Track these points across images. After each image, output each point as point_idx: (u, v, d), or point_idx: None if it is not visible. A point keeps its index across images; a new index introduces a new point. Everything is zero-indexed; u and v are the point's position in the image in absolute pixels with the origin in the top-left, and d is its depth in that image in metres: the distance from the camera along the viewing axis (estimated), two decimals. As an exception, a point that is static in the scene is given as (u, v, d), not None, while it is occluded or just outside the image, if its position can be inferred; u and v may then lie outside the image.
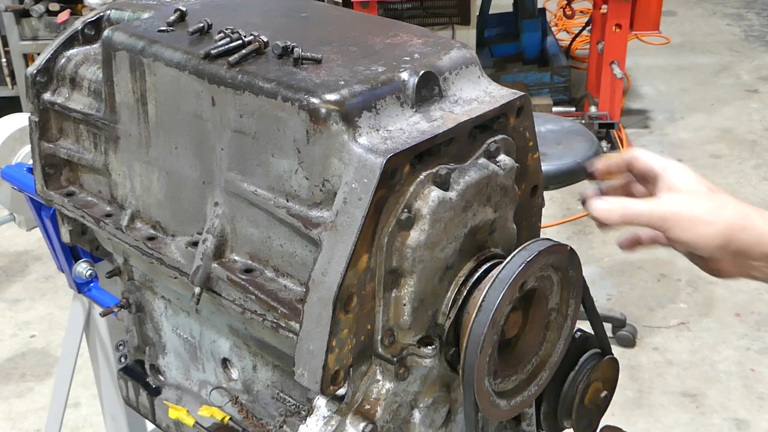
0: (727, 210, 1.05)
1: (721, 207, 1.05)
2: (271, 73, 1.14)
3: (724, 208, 1.05)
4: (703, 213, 1.05)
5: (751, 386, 3.30)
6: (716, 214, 1.05)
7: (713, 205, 1.05)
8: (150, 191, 1.36)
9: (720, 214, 1.05)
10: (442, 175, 1.09)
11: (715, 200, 1.06)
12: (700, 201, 1.06)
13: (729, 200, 1.07)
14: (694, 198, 1.06)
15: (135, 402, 1.67)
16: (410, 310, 1.12)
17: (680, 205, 1.06)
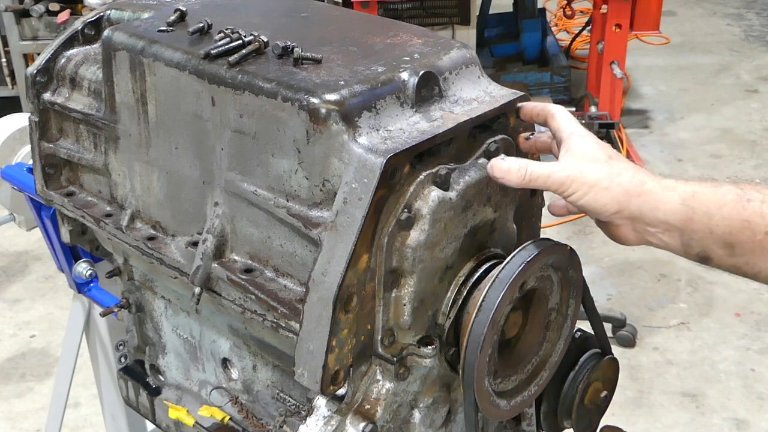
0: (623, 176, 1.06)
1: (617, 173, 1.06)
2: (271, 73, 1.14)
3: (620, 174, 1.06)
4: (600, 178, 1.06)
5: (751, 386, 3.30)
6: (612, 179, 1.06)
7: (610, 171, 1.07)
8: (150, 191, 1.36)
9: (615, 180, 1.06)
10: (442, 175, 1.09)
11: (612, 166, 1.07)
12: (597, 167, 1.07)
13: (626, 166, 1.08)
14: (592, 164, 1.07)
15: (135, 402, 1.67)
16: (410, 310, 1.12)
17: (577, 169, 1.07)
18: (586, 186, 1.06)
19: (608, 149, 1.10)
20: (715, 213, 1.01)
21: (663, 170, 4.87)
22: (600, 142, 1.11)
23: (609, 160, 1.07)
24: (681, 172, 4.86)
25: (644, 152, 5.06)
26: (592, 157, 1.08)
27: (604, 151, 1.09)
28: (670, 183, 1.06)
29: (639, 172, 1.08)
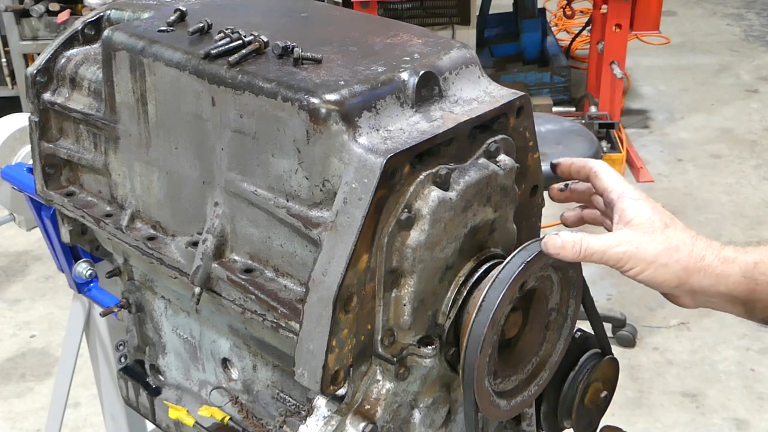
0: (681, 251, 1.04)
1: (676, 248, 1.04)
2: (271, 73, 1.14)
3: (678, 249, 1.04)
4: (658, 254, 1.04)
5: (751, 386, 3.30)
6: (671, 255, 1.04)
7: (668, 245, 1.04)
8: (150, 191, 1.36)
9: (674, 256, 1.04)
10: (442, 175, 1.09)
11: (670, 239, 1.04)
12: (654, 240, 1.04)
13: (684, 238, 1.05)
14: (648, 237, 1.04)
15: (135, 402, 1.67)
16: (410, 310, 1.12)
17: (634, 245, 1.05)
18: (644, 263, 1.04)
19: (662, 214, 1.07)
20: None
21: (663, 170, 4.87)
22: (654, 205, 1.08)
23: (665, 230, 1.05)
24: (681, 172, 4.86)
25: (644, 152, 5.06)
26: (648, 227, 1.05)
27: (659, 218, 1.06)
28: (729, 254, 1.03)
29: (697, 243, 1.05)
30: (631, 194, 1.09)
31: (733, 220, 4.35)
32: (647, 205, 1.07)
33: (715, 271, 1.03)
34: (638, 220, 1.05)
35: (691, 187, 4.72)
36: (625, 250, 1.05)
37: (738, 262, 1.02)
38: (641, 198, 1.09)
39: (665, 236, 1.04)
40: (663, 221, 1.05)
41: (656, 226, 1.05)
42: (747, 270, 1.01)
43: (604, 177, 1.12)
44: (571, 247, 1.07)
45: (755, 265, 1.01)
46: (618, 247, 1.05)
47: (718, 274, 1.03)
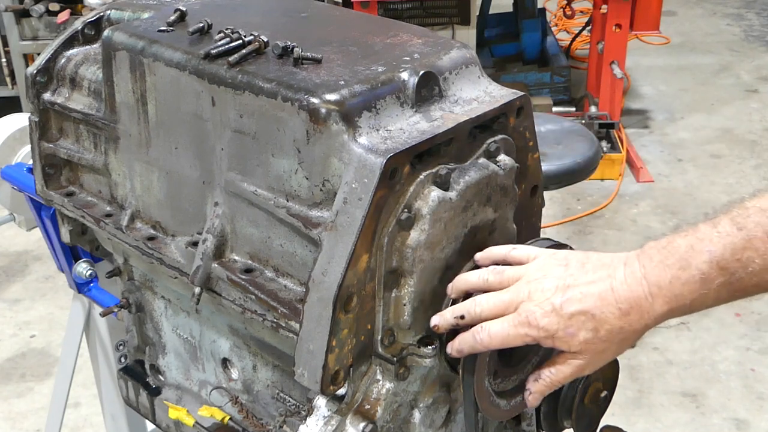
0: (628, 340, 1.06)
1: (622, 341, 1.06)
2: (271, 73, 1.14)
3: (625, 340, 1.06)
4: (616, 353, 1.08)
5: (751, 386, 3.30)
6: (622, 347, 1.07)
7: (615, 347, 1.07)
8: (150, 191, 1.36)
9: (623, 346, 1.07)
10: (442, 175, 1.09)
11: (611, 339, 1.05)
12: (602, 352, 1.07)
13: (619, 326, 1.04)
14: (596, 354, 1.07)
15: (135, 402, 1.67)
16: (410, 310, 1.12)
17: (595, 366, 1.10)
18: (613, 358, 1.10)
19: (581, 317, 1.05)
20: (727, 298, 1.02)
21: (663, 170, 4.87)
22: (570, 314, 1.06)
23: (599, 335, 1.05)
24: (681, 172, 4.86)
25: (644, 152, 5.06)
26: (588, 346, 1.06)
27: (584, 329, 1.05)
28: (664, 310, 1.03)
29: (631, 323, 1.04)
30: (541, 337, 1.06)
31: (733, 220, 4.35)
32: (567, 334, 1.05)
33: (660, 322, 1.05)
34: (575, 349, 1.07)
35: (691, 187, 4.72)
36: (594, 367, 1.10)
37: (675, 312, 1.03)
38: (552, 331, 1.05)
39: (606, 342, 1.06)
40: (589, 329, 1.05)
41: (591, 341, 1.05)
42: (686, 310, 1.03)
43: None
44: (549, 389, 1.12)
45: (690, 305, 1.02)
46: (584, 372, 1.10)
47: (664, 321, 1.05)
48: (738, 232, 0.99)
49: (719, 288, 1.00)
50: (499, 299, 1.08)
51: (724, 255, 0.99)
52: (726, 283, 0.99)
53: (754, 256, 0.97)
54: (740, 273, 0.98)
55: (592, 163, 2.98)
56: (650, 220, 4.35)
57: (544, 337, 1.06)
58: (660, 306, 1.02)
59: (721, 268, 0.99)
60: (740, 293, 1.01)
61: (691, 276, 1.00)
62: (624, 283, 1.03)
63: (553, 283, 1.06)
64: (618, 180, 4.69)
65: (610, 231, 4.21)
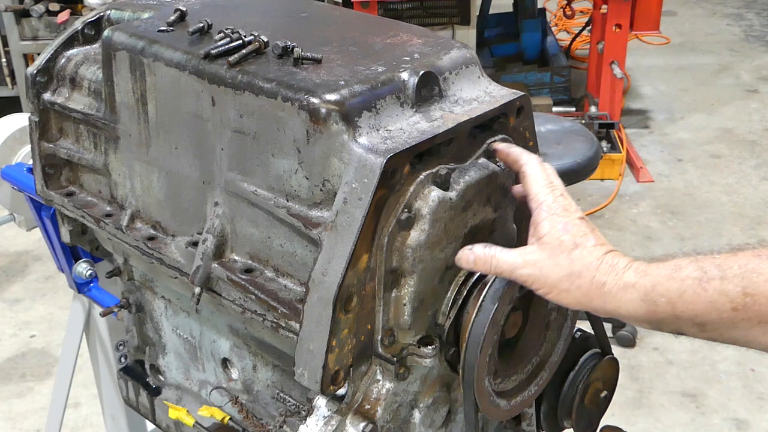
0: (583, 278, 1.03)
1: (577, 275, 1.03)
2: (271, 73, 1.14)
3: (579, 276, 1.03)
4: (560, 280, 1.04)
5: (751, 386, 3.30)
6: (572, 282, 1.04)
7: (570, 270, 1.04)
8: (150, 191, 1.36)
9: (576, 282, 1.04)
10: (442, 175, 1.09)
11: (573, 263, 1.04)
12: (557, 265, 1.04)
13: (589, 261, 1.03)
14: (553, 260, 1.04)
15: (135, 402, 1.67)
16: (410, 310, 1.12)
17: (538, 267, 1.05)
18: (547, 287, 1.05)
19: (575, 231, 1.05)
20: (677, 301, 0.98)
21: (663, 170, 4.87)
22: (568, 219, 1.07)
23: (573, 251, 1.04)
24: (681, 172, 4.86)
25: (644, 152, 5.06)
26: (555, 248, 1.05)
27: (570, 237, 1.05)
28: (630, 279, 1.01)
29: (601, 267, 1.03)
30: (549, 206, 1.07)
31: (733, 220, 4.35)
32: (560, 221, 1.06)
33: (615, 297, 1.02)
34: (548, 239, 1.05)
35: (691, 187, 4.72)
36: (530, 272, 1.06)
37: (637, 286, 1.01)
38: (557, 211, 1.07)
39: (570, 260, 1.04)
40: (573, 241, 1.04)
41: (564, 247, 1.04)
42: (646, 294, 1.00)
43: (530, 181, 1.11)
44: (482, 263, 1.09)
45: (653, 287, 0.99)
46: (524, 268, 1.06)
47: (617, 300, 1.02)
48: (730, 252, 0.99)
49: (686, 280, 0.98)
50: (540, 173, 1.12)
51: (705, 258, 0.99)
52: (695, 279, 0.97)
53: (734, 265, 0.96)
54: (713, 274, 0.97)
55: (592, 163, 2.99)
56: (650, 220, 4.35)
57: (550, 207, 1.07)
58: (629, 275, 1.01)
59: (698, 264, 0.98)
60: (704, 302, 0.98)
61: (667, 263, 1.00)
62: (621, 254, 1.05)
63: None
64: (618, 180, 4.69)
65: (610, 231, 4.21)
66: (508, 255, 1.07)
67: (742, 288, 0.95)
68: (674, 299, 0.98)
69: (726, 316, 0.98)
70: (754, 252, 0.97)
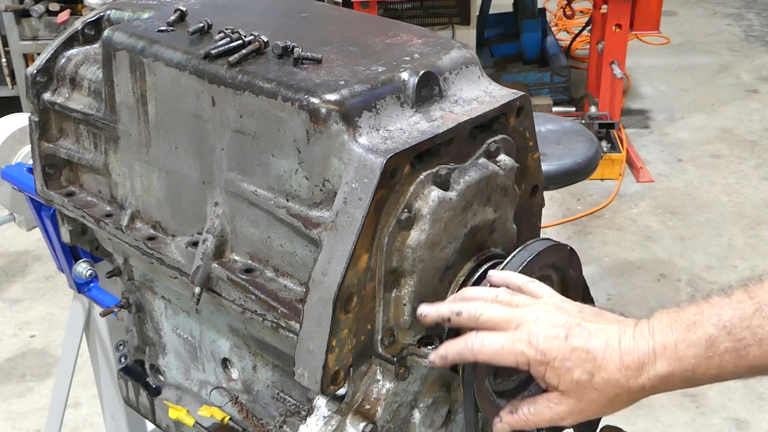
0: (621, 397, 1.02)
1: (614, 397, 1.02)
2: (271, 73, 1.14)
3: (617, 397, 1.02)
4: (602, 411, 1.04)
5: (751, 386, 3.30)
6: (613, 404, 1.03)
7: (605, 400, 1.02)
8: (150, 191, 1.36)
9: (617, 404, 1.03)
10: (442, 175, 1.09)
11: (602, 392, 1.01)
12: (591, 403, 1.02)
13: (614, 379, 1.00)
14: (585, 402, 1.03)
15: (135, 402, 1.67)
16: (410, 310, 1.12)
17: (577, 414, 1.04)
18: (596, 417, 1.07)
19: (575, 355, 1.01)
20: (718, 375, 0.99)
21: (663, 170, 4.87)
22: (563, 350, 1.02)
23: (594, 382, 1.00)
24: (681, 172, 4.86)
25: (644, 152, 5.06)
26: (576, 390, 1.02)
27: (579, 370, 1.01)
28: (663, 370, 0.99)
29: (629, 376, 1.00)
30: (535, 361, 1.03)
31: (733, 220, 4.35)
32: (558, 364, 1.02)
33: (658, 389, 1.02)
34: (563, 387, 1.02)
35: (691, 187, 4.72)
36: (573, 419, 1.05)
37: (675, 375, 1.00)
38: (548, 358, 1.02)
39: (598, 392, 1.01)
40: (585, 371, 1.01)
41: (584, 384, 1.01)
42: (686, 378, 1.00)
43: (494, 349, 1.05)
44: (520, 425, 1.08)
45: (693, 371, 0.99)
46: (564, 420, 1.05)
47: (662, 389, 1.02)
48: (750, 300, 0.97)
49: (725, 354, 0.97)
50: (503, 311, 1.05)
51: (733, 320, 0.97)
52: (732, 350, 0.97)
53: (765, 323, 0.96)
54: (748, 340, 0.96)
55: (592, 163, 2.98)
56: (650, 220, 4.35)
57: (538, 361, 1.02)
58: (661, 365, 0.99)
59: (729, 332, 0.97)
60: (745, 365, 0.98)
61: (698, 338, 0.98)
62: (632, 337, 1.01)
63: (563, 318, 1.03)
64: (618, 180, 4.69)
65: (610, 231, 4.20)
66: (541, 413, 1.05)
67: None
68: (716, 374, 0.99)
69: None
70: None
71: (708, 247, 4.10)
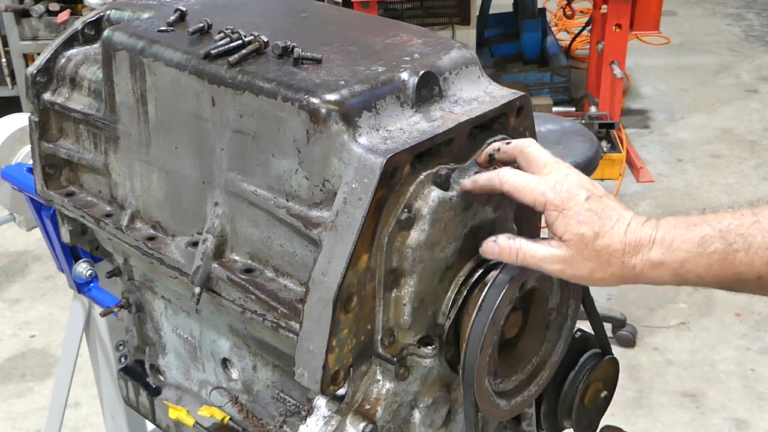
0: (613, 266, 1.06)
1: (607, 264, 1.06)
2: (271, 73, 1.14)
3: (609, 264, 1.06)
4: (592, 272, 1.07)
5: (751, 386, 3.30)
6: (604, 271, 1.07)
7: (599, 262, 1.06)
8: (150, 191, 1.36)
9: (607, 271, 1.07)
10: (442, 175, 1.09)
11: (600, 254, 1.06)
12: (585, 259, 1.06)
13: (615, 247, 1.05)
14: (580, 255, 1.06)
15: (135, 402, 1.67)
16: (410, 310, 1.12)
17: (568, 263, 1.07)
18: (581, 278, 1.09)
19: (588, 215, 1.06)
20: (705, 274, 1.03)
21: (663, 170, 4.87)
22: (579, 211, 1.06)
23: (595, 242, 1.05)
24: (681, 172, 4.86)
25: (644, 152, 5.06)
26: (578, 243, 1.06)
27: (588, 228, 1.05)
28: (657, 257, 1.04)
29: (627, 249, 1.05)
30: (553, 204, 1.07)
31: (733, 220, 4.35)
32: (572, 215, 1.06)
33: (647, 275, 1.07)
34: (567, 237, 1.07)
35: (691, 187, 4.72)
36: (560, 268, 1.08)
37: (666, 265, 1.05)
38: (564, 206, 1.07)
39: (596, 252, 1.06)
40: (592, 230, 1.06)
41: (586, 240, 1.06)
42: (675, 270, 1.05)
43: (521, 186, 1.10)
44: (507, 254, 1.11)
45: (682, 265, 1.04)
46: (553, 264, 1.08)
47: (649, 277, 1.07)
48: (751, 215, 1.02)
49: (713, 255, 1.02)
50: (543, 155, 1.12)
51: (729, 226, 1.02)
52: (722, 252, 1.02)
53: (758, 234, 1.00)
54: (738, 245, 1.01)
55: (592, 163, 2.98)
56: (650, 220, 4.35)
57: (555, 206, 1.07)
58: (655, 253, 1.04)
59: (723, 236, 1.02)
60: (731, 271, 1.02)
61: (693, 235, 1.03)
62: (641, 224, 1.07)
63: (590, 186, 1.09)
64: (618, 180, 4.69)
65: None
66: (535, 249, 1.09)
67: (766, 259, 1.00)
68: (702, 273, 1.04)
69: (753, 283, 1.03)
70: None
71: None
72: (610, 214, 1.07)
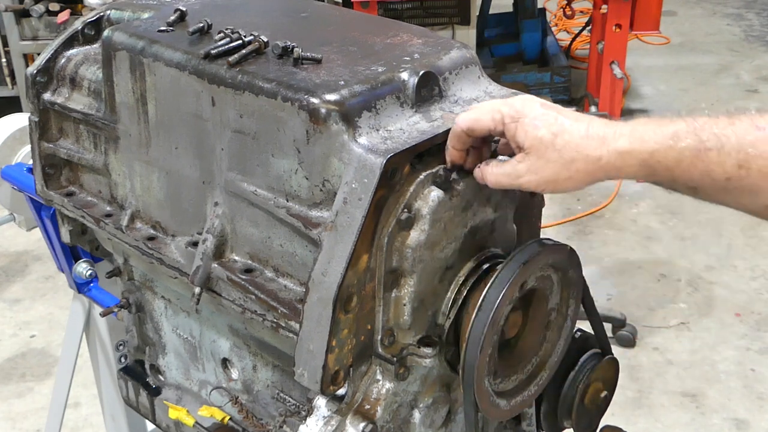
0: (577, 162, 1.05)
1: (571, 161, 1.05)
2: (271, 73, 1.14)
3: (573, 161, 1.05)
4: (558, 173, 1.06)
5: (751, 386, 3.30)
6: (569, 169, 1.06)
7: (562, 161, 1.05)
8: (150, 191, 1.36)
9: (572, 168, 1.05)
10: (442, 175, 1.09)
11: (562, 153, 1.05)
12: (549, 161, 1.06)
13: (576, 143, 1.05)
14: (543, 159, 1.06)
15: (135, 402, 1.67)
16: (410, 310, 1.12)
17: (533, 171, 1.07)
18: (550, 183, 1.07)
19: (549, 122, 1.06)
20: (674, 168, 1.02)
21: (663, 170, 4.86)
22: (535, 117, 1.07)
23: (555, 142, 1.05)
24: (681, 172, 4.86)
25: (644, 152, 5.05)
26: (539, 148, 1.06)
27: (547, 130, 1.05)
28: (623, 146, 1.04)
29: (590, 143, 1.05)
30: (510, 118, 1.08)
31: (732, 220, 4.35)
32: (528, 123, 1.06)
33: (614, 165, 1.05)
34: (528, 143, 1.06)
35: (691, 187, 4.71)
36: (529, 179, 1.07)
37: (634, 153, 1.04)
38: (520, 117, 1.07)
39: (557, 151, 1.05)
40: (550, 131, 1.05)
41: (546, 142, 1.05)
42: (644, 160, 1.03)
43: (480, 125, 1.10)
44: (480, 178, 1.11)
45: (651, 155, 1.02)
46: (522, 177, 1.08)
47: (617, 167, 1.05)
48: (728, 118, 1.01)
49: (685, 150, 1.00)
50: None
51: (704, 125, 1.00)
52: (693, 148, 1.00)
53: (732, 135, 0.98)
54: (711, 143, 0.99)
55: (592, 163, 2.98)
56: (650, 220, 4.35)
57: (511, 117, 1.06)
58: (622, 142, 1.03)
59: (696, 133, 1.00)
60: (701, 169, 1.00)
61: (665, 129, 1.02)
62: (604, 123, 1.07)
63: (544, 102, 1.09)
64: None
65: (610, 231, 4.21)
66: (502, 167, 1.09)
67: (737, 161, 0.98)
68: (672, 166, 1.02)
69: (720, 184, 1.01)
70: (753, 122, 0.99)
71: (708, 247, 4.11)
72: (567, 115, 1.07)
